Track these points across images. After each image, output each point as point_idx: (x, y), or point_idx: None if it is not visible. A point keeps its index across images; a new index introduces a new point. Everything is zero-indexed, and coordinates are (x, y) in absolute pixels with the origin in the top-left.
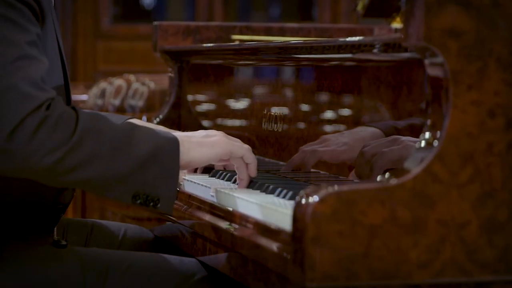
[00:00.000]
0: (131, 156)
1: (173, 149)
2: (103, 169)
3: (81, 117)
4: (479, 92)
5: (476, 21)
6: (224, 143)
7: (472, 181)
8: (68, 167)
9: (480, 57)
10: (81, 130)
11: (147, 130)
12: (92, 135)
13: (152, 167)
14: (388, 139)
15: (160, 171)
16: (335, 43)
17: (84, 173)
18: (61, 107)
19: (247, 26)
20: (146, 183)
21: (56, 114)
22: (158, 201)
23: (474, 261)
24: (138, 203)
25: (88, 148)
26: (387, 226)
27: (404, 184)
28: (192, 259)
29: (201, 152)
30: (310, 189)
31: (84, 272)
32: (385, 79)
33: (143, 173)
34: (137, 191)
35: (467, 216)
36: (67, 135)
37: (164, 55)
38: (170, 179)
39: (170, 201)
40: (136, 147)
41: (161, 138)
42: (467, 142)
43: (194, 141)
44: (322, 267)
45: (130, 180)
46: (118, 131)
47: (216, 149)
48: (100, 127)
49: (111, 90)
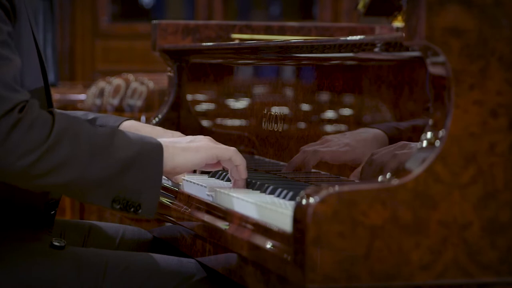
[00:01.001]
0: (110, 160)
1: (156, 154)
2: (80, 173)
3: (57, 119)
4: (482, 92)
5: (479, 20)
6: (209, 147)
7: (475, 182)
8: (43, 170)
9: (482, 56)
10: (56, 133)
11: (129, 135)
12: (68, 138)
13: (133, 171)
14: (396, 145)
15: (142, 176)
16: (336, 42)
17: (60, 177)
18: (36, 109)
19: (247, 25)
20: (126, 188)
21: (30, 116)
22: (140, 207)
23: (476, 262)
24: (118, 208)
25: (64, 151)
26: (388, 227)
27: (405, 184)
28: (191, 260)
29: (185, 158)
30: (311, 189)
31: (81, 273)
32: (386, 79)
33: (123, 178)
34: (116, 196)
35: (469, 217)
36: (42, 137)
37: (163, 54)
38: (152, 184)
39: (152, 206)
40: (116, 151)
41: (144, 143)
42: (469, 142)
43: (178, 146)
44: (323, 268)
45: (109, 185)
46: (97, 135)
47: (200, 153)
48: (77, 130)
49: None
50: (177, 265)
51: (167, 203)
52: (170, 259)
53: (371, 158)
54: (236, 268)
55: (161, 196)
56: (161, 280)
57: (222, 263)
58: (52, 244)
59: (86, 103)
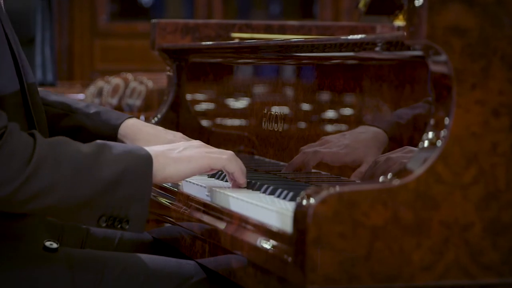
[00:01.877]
0: (95, 180)
1: (144, 167)
2: (63, 196)
3: (38, 144)
4: (483, 91)
5: (480, 19)
6: (201, 157)
7: (476, 182)
8: (23, 198)
9: (484, 56)
10: (37, 159)
11: (117, 149)
12: (49, 163)
13: (120, 188)
14: (402, 150)
15: (130, 191)
16: (337, 41)
17: (43, 202)
18: (16, 135)
19: (247, 24)
20: (112, 206)
21: (10, 144)
22: (127, 222)
23: (478, 263)
24: (104, 226)
25: (45, 177)
26: (389, 227)
27: (407, 184)
28: (190, 261)
29: (177, 168)
30: (311, 190)
31: (75, 276)
32: (387, 78)
33: (109, 196)
34: (103, 214)
35: (471, 218)
36: (21, 165)
37: (163, 53)
38: (140, 198)
39: (141, 221)
40: (100, 170)
41: (132, 157)
42: (471, 142)
43: (170, 156)
44: (323, 269)
45: (93, 204)
46: (80, 156)
47: (192, 164)
48: (59, 154)
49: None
50: (175, 266)
51: (167, 204)
52: (169, 260)
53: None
54: (236, 269)
55: (160, 196)
56: (159, 281)
57: (222, 264)
58: (45, 246)
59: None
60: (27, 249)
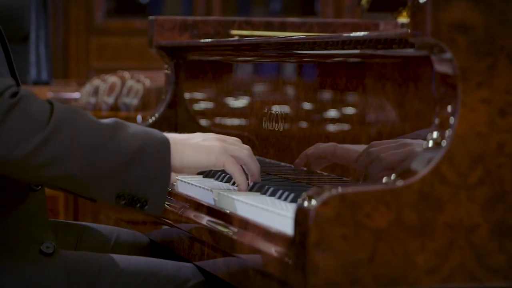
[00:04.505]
0: (114, 153)
1: (163, 148)
2: (81, 166)
3: (56, 108)
4: (489, 90)
5: (486, 16)
6: (221, 153)
7: (482, 183)
8: (41, 162)
9: (490, 53)
10: (56, 120)
11: (133, 127)
12: (68, 127)
13: (138, 165)
14: (398, 143)
15: (148, 170)
16: (339, 38)
17: (59, 169)
18: (31, 96)
19: (247, 20)
20: (131, 182)
21: (25, 102)
22: (146, 203)
23: (484, 266)
24: (123, 204)
25: (63, 142)
26: (393, 229)
27: (411, 185)
28: (188, 264)
29: (196, 158)
30: (313, 191)
31: (71, 279)
32: (391, 76)
33: (128, 171)
34: (121, 191)
35: (477, 219)
36: (39, 125)
37: (160, 51)
38: (160, 179)
39: (160, 202)
40: (119, 144)
41: (151, 136)
42: (476, 142)
43: (190, 143)
44: (325, 272)
45: (112, 179)
46: (99, 125)
47: (211, 157)
48: (77, 120)
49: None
50: (172, 269)
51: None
52: (166, 263)
53: (369, 150)
54: (235, 272)
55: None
56: (156, 284)
57: (221, 267)
58: (41, 250)
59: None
60: (23, 253)
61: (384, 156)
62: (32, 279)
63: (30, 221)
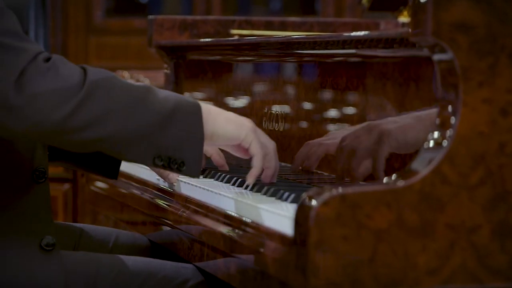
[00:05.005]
0: (149, 114)
1: (195, 111)
2: (118, 127)
3: (90, 70)
4: (491, 89)
5: (488, 15)
6: (251, 131)
7: (483, 183)
8: (78, 124)
9: (491, 53)
10: (90, 82)
11: (166, 92)
12: (103, 88)
13: (173, 126)
14: (363, 127)
15: (183, 132)
16: (339, 38)
17: (96, 132)
18: (64, 59)
19: (247, 20)
20: (168, 144)
21: (58, 65)
22: (183, 164)
23: (486, 267)
24: (161, 165)
25: (100, 103)
26: (393, 230)
27: (411, 186)
28: (188, 265)
29: (226, 128)
30: (313, 191)
31: (69, 278)
32: (391, 76)
33: (164, 133)
34: (157, 152)
35: (478, 220)
36: (75, 86)
37: (160, 50)
38: (195, 141)
39: (196, 164)
40: (154, 105)
41: (183, 99)
42: (478, 142)
43: (223, 113)
44: (326, 273)
45: (149, 140)
46: (132, 87)
47: (242, 131)
48: (112, 80)
49: None
50: (172, 269)
51: (164, 206)
52: (165, 263)
53: (342, 145)
54: (235, 273)
55: (157, 198)
56: (155, 285)
57: (221, 268)
58: (41, 246)
59: None
60: (23, 247)
61: (357, 146)
62: (31, 275)
63: (32, 214)
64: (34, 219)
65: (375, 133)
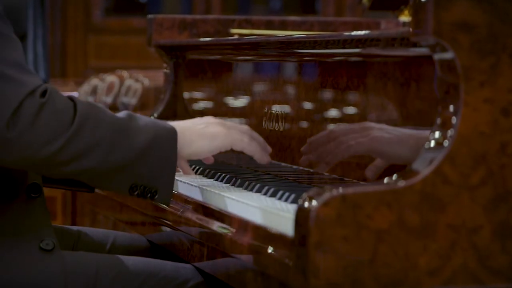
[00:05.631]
0: (129, 146)
1: (171, 139)
2: (102, 159)
3: (79, 104)
4: (492, 89)
5: (489, 14)
6: (225, 135)
7: (485, 183)
8: (67, 157)
9: (493, 52)
10: (80, 118)
11: (145, 119)
12: (91, 123)
13: (150, 157)
14: (360, 125)
15: (158, 162)
16: (340, 37)
17: (83, 163)
18: (58, 94)
19: (247, 19)
20: (143, 174)
21: (52, 101)
22: (156, 193)
23: (487, 268)
24: (136, 195)
25: (88, 136)
26: (394, 230)
27: (412, 186)
28: (188, 265)
29: (202, 145)
30: (313, 191)
31: (69, 278)
32: (392, 76)
33: (141, 164)
34: (135, 182)
35: (479, 220)
36: (66, 123)
37: (159, 50)
38: (168, 170)
39: (167, 192)
40: (135, 137)
41: (160, 128)
42: (479, 142)
43: (195, 131)
44: (326, 274)
45: (127, 171)
46: (116, 119)
47: (216, 142)
48: (98, 115)
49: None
50: (172, 270)
51: (163, 206)
52: (165, 263)
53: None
54: (235, 273)
55: None
56: (155, 285)
57: (220, 268)
58: (40, 246)
59: None
60: (22, 247)
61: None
62: (30, 275)
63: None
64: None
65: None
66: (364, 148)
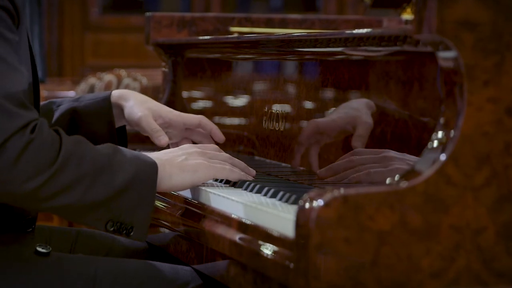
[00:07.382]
0: (110, 183)
1: (151, 175)
2: (81, 196)
3: (64, 141)
4: (496, 88)
5: (493, 12)
6: (206, 168)
7: (489, 184)
8: (48, 194)
9: (497, 51)
10: (63, 156)
11: (126, 153)
12: (74, 161)
13: (128, 194)
14: (379, 155)
15: (136, 198)
16: (341, 35)
17: (63, 200)
18: (46, 130)
19: (247, 17)
20: (121, 210)
21: (40, 138)
22: (132, 229)
23: (491, 269)
24: (111, 231)
25: (69, 174)
26: (397, 232)
27: (415, 187)
28: (187, 267)
29: (183, 178)
30: (314, 192)
31: (67, 282)
32: (394, 74)
33: (119, 200)
34: (111, 218)
35: (483, 222)
36: (50, 160)
37: (158, 48)
38: (144, 207)
39: (143, 229)
40: (115, 174)
41: (141, 163)
42: (483, 142)
43: (175, 164)
44: (327, 276)
45: (105, 207)
46: (98, 156)
47: (198, 174)
48: (82, 152)
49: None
50: (171, 272)
51: (162, 207)
52: (164, 266)
53: (350, 158)
54: (235, 275)
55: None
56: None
57: (220, 270)
58: (37, 250)
59: None
60: (19, 253)
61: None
62: (27, 279)
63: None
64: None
65: (386, 167)
66: (383, 179)
